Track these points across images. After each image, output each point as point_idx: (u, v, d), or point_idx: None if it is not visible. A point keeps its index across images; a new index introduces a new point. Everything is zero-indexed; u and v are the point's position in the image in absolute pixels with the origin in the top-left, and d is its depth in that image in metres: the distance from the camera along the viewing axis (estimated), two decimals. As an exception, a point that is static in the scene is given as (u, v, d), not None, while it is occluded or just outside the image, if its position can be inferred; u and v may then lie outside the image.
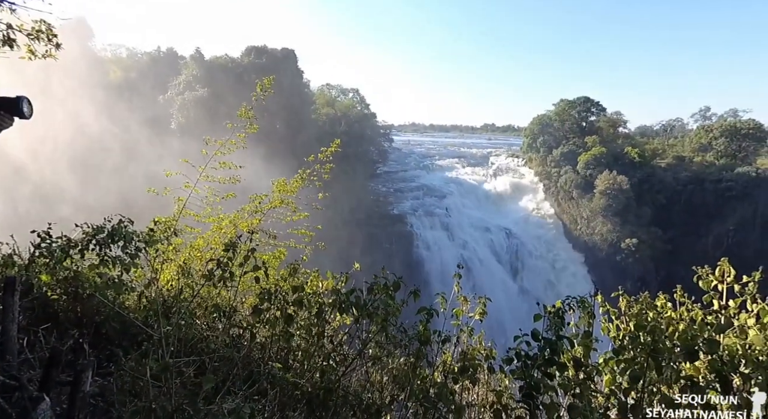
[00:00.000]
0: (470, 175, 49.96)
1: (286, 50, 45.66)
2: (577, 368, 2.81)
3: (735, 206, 41.44)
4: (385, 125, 56.80)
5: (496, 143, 79.90)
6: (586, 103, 51.39)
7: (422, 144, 73.92)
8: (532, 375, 2.51)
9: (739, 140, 44.33)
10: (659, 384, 2.76)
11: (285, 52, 45.43)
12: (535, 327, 2.90)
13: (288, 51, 45.67)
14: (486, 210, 43.59)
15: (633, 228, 40.60)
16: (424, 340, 3.11)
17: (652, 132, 60.45)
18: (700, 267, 3.59)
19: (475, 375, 3.26)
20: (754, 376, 2.59)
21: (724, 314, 3.15)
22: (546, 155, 49.40)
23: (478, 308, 4.08)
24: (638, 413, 2.46)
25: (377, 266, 3.64)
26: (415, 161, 53.35)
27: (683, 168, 44.57)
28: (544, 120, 51.83)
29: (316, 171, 5.95)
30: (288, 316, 3.28)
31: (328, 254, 16.85)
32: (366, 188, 40.19)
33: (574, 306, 3.35)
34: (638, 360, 2.78)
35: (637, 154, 44.90)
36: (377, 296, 3.30)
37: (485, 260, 34.73)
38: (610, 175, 41.48)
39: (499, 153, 60.54)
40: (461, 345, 3.88)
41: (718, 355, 2.75)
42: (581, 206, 43.87)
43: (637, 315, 3.10)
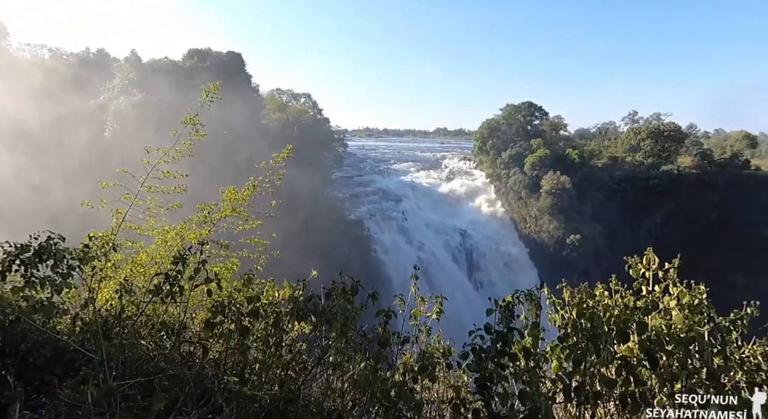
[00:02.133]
0: (425, 178, 50.99)
1: (232, 54, 44.14)
2: (527, 357, 2.96)
3: (662, 201, 45.33)
4: (339, 130, 56.65)
5: (449, 147, 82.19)
6: (530, 107, 54.30)
7: (377, 149, 74.50)
8: (486, 367, 2.62)
9: (662, 141, 48.60)
10: (599, 365, 2.98)
11: (231, 55, 43.88)
12: (488, 321, 3.03)
13: (234, 54, 44.17)
14: (441, 212, 44.60)
15: (576, 224, 43.22)
16: (384, 342, 3.14)
17: (590, 134, 64.69)
18: (630, 257, 3.92)
19: (434, 372, 3.34)
20: (676, 352, 2.87)
21: (650, 298, 3.46)
22: (495, 157, 51.49)
23: (435, 308, 4.18)
24: (581, 394, 2.64)
25: (336, 272, 3.63)
26: (370, 166, 53.57)
27: (617, 167, 48.14)
28: (493, 124, 54.07)
29: (269, 178, 5.82)
30: (243, 328, 3.18)
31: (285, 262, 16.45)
32: (322, 194, 39.77)
33: (522, 300, 3.53)
34: (580, 345, 2.98)
35: (577, 155, 47.98)
36: (335, 302, 3.29)
37: (442, 261, 35.50)
38: (554, 175, 43.97)
39: (452, 156, 62.31)
40: (420, 345, 3.96)
41: (646, 335, 3.01)
42: (529, 205, 46.08)
43: (578, 304, 3.31)
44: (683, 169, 46.21)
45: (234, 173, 23.35)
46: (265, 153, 6.47)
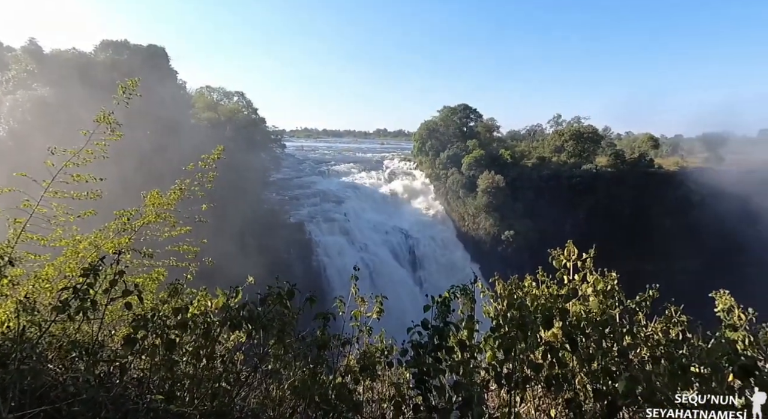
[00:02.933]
0: (366, 179, 51.15)
1: (154, 47, 40.63)
2: (462, 349, 3.07)
3: (584, 198, 49.62)
4: (276, 131, 54.74)
5: (389, 148, 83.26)
6: (466, 110, 56.72)
7: (316, 150, 73.42)
8: (424, 362, 2.68)
9: (583, 143, 53.19)
10: (528, 352, 3.18)
11: (153, 49, 40.33)
12: (425, 317, 3.10)
13: (157, 48, 40.65)
14: (384, 213, 45.05)
15: (510, 221, 45.88)
16: (322, 345, 3.09)
17: (520, 136, 68.81)
18: (553, 250, 4.24)
19: (375, 372, 3.35)
20: (592, 334, 3.14)
21: (570, 286, 3.76)
22: (434, 158, 53.06)
23: (375, 308, 4.20)
24: (511, 380, 2.80)
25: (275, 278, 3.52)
26: (310, 167, 52.52)
27: (545, 167, 51.83)
28: (431, 125, 55.71)
29: (198, 181, 5.49)
30: (169, 342, 2.96)
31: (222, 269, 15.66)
32: (259, 197, 38.31)
33: (458, 294, 3.66)
34: (510, 334, 3.16)
35: (509, 155, 50.97)
36: (271, 308, 3.19)
37: (385, 262, 35.87)
38: (489, 175, 46.30)
39: (393, 157, 63.16)
40: (362, 346, 3.96)
41: (568, 321, 3.27)
42: (467, 204, 48.09)
43: (508, 296, 3.51)
44: (600, 168, 50.95)
45: (158, 176, 21.66)
46: (194, 154, 6.08)
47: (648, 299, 3.82)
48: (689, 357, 2.92)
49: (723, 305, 4.22)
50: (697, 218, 50.52)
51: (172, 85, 40.92)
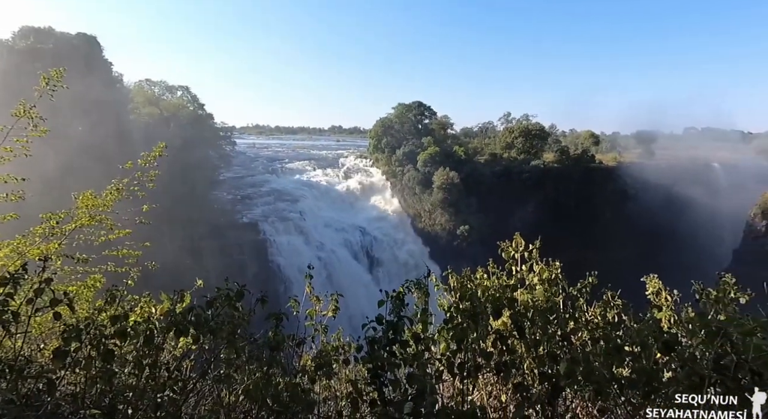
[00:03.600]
0: (322, 177, 50.47)
1: (84, 36, 36.72)
2: (417, 342, 3.13)
3: (533, 192, 52.15)
4: (226, 127, 52.24)
5: (345, 145, 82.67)
6: (420, 107, 57.52)
7: (269, 147, 71.39)
8: (378, 356, 2.69)
9: (531, 139, 55.76)
10: (479, 341, 3.29)
11: (83, 38, 36.56)
12: (379, 313, 3.12)
13: (87, 37, 36.72)
14: (340, 211, 44.76)
15: (465, 216, 47.25)
16: (275, 346, 3.02)
17: (473, 133, 70.77)
18: (502, 242, 4.41)
19: (331, 370, 3.32)
20: (538, 321, 3.31)
21: (518, 276, 3.94)
22: (390, 155, 53.41)
23: (330, 306, 4.17)
24: (463, 369, 2.89)
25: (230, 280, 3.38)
26: (263, 165, 50.83)
27: (497, 163, 53.85)
28: (386, 123, 55.99)
29: (138, 180, 5.15)
30: (107, 352, 2.77)
31: (168, 273, 14.87)
32: (208, 197, 36.56)
33: (412, 289, 3.72)
34: (462, 325, 3.25)
35: (463, 152, 52.39)
36: (220, 310, 3.06)
37: (343, 259, 35.68)
38: (444, 171, 47.34)
39: (349, 154, 62.83)
40: (318, 345, 3.92)
41: (516, 309, 3.42)
42: (423, 200, 48.91)
43: (461, 288, 3.62)
44: (548, 163, 53.68)
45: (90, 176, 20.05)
46: (134, 152, 5.71)
47: (587, 286, 4.08)
48: (623, 337, 3.16)
49: (652, 288, 4.60)
50: (632, 209, 54.80)
51: (106, 78, 37.83)
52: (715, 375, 2.12)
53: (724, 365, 2.25)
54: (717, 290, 3.67)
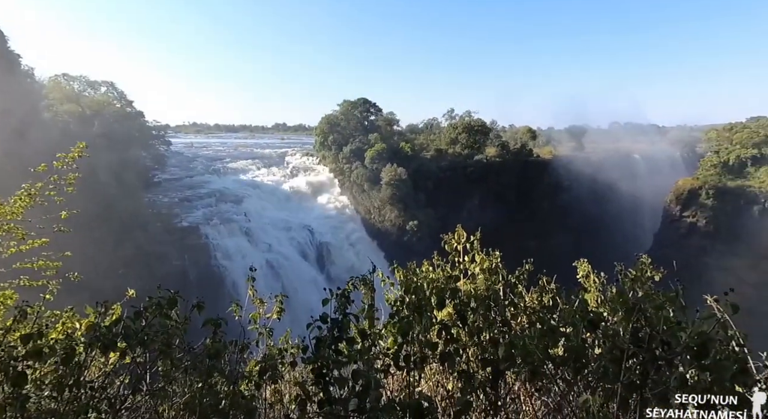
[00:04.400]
0: (267, 176, 48.85)
1: None
2: (363, 338, 3.13)
3: (477, 186, 54.26)
4: (159, 126, 48.67)
5: (290, 143, 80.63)
6: (366, 104, 57.50)
7: (209, 146, 67.85)
8: (323, 355, 2.65)
9: (474, 135, 57.84)
10: (424, 333, 3.36)
11: None
12: (324, 311, 3.07)
13: None
14: (288, 210, 43.68)
15: (414, 212, 48.12)
16: (214, 354, 2.88)
17: (418, 129, 71.96)
18: (445, 235, 4.53)
19: (277, 374, 3.23)
20: (479, 309, 3.45)
21: (461, 267, 4.08)
22: (337, 152, 52.99)
23: (275, 308, 4.05)
24: (409, 361, 2.93)
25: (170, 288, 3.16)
26: (202, 165, 48.03)
27: (442, 158, 55.29)
28: (332, 120, 55.40)
29: (54, 184, 4.68)
30: (18, 375, 2.49)
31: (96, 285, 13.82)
32: (141, 200, 33.89)
33: (358, 285, 3.71)
34: (408, 318, 3.30)
35: (409, 148, 53.18)
36: (150, 321, 2.86)
37: (292, 260, 34.86)
38: (391, 168, 47.81)
39: (294, 152, 61.45)
40: (264, 349, 3.79)
41: (459, 299, 3.53)
42: (372, 197, 49.11)
43: (406, 282, 3.67)
44: (490, 158, 56.02)
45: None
46: (49, 154, 5.19)
47: (525, 273, 4.31)
48: (557, 319, 3.38)
49: (582, 272, 4.96)
50: (567, 199, 58.94)
51: (16, 71, 33.69)
52: (633, 348, 2.34)
53: (641, 337, 2.48)
54: (635, 271, 4.02)
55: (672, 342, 2.26)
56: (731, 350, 2.48)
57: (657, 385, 2.43)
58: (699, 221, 52.79)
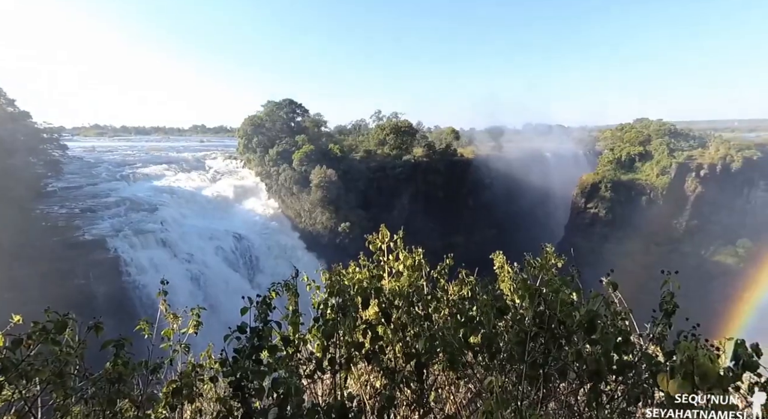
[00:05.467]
0: (186, 181, 45.34)
1: None
2: (287, 345, 3.05)
3: (406, 185, 55.63)
4: (51, 128, 42.62)
5: (211, 146, 75.91)
6: (291, 104, 56.04)
7: (115, 150, 61.30)
8: (241, 367, 2.53)
9: (401, 136, 59.16)
10: (351, 334, 3.36)
11: None
12: (243, 320, 2.94)
13: None
14: (211, 217, 41.02)
15: (345, 213, 47.95)
16: (117, 379, 2.60)
17: (347, 131, 71.91)
18: (369, 235, 4.57)
19: (192, 392, 3.02)
20: (401, 305, 3.54)
21: (386, 265, 4.15)
22: (263, 155, 51.02)
23: (191, 322, 3.79)
24: (334, 363, 2.92)
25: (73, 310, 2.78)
26: (108, 172, 42.98)
27: (371, 159, 55.82)
28: (256, 121, 53.18)
29: None
30: None
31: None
32: (31, 213, 29.46)
33: (280, 291, 3.60)
34: (333, 320, 3.28)
35: (338, 149, 52.88)
36: (34, 348, 2.50)
37: (218, 270, 32.74)
38: (321, 169, 47.16)
39: (216, 156, 58.01)
40: (181, 366, 3.53)
41: (383, 297, 3.59)
42: (302, 200, 48.05)
43: (330, 284, 3.64)
44: (417, 158, 57.68)
45: None
46: None
47: (446, 268, 4.50)
48: (476, 309, 3.58)
49: (498, 263, 5.32)
50: (489, 196, 62.87)
51: None
52: (535, 329, 2.56)
53: (543, 319, 2.72)
54: (541, 259, 4.40)
55: (568, 321, 2.51)
56: (614, 323, 2.82)
57: (557, 361, 2.69)
58: (600, 212, 59.58)
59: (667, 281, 2.85)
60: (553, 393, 3.03)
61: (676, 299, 2.74)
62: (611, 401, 2.82)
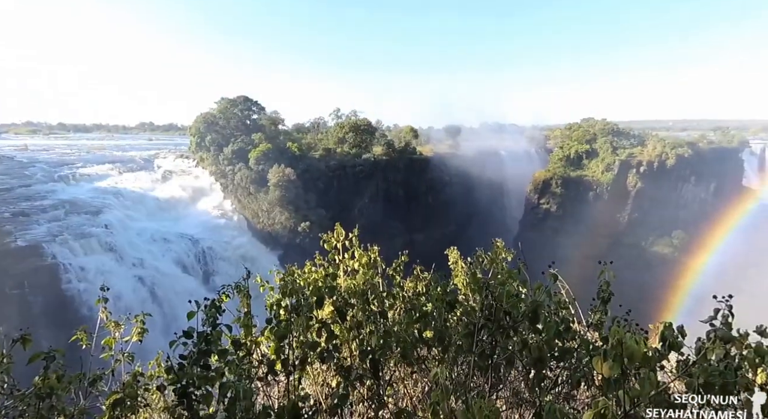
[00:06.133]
0: (133, 182, 42.67)
1: None
2: (238, 347, 2.96)
3: (367, 184, 55.60)
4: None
5: (160, 144, 72.05)
6: (247, 102, 54.26)
7: (51, 149, 56.71)
8: (187, 374, 2.44)
9: (361, 134, 59.02)
10: (305, 334, 3.32)
11: None
12: (190, 325, 2.82)
13: None
14: (162, 219, 38.94)
15: (305, 212, 47.19)
16: (47, 394, 2.43)
17: (305, 129, 70.74)
18: (323, 234, 4.53)
19: (135, 403, 2.87)
20: (357, 303, 3.55)
21: (342, 264, 4.14)
22: (217, 153, 49.14)
23: (135, 329, 3.60)
24: (287, 365, 2.88)
25: None
26: (44, 172, 39.52)
27: (331, 158, 55.23)
28: (209, 118, 51.08)
29: None
30: None
31: None
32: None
33: (231, 294, 3.49)
34: (286, 321, 3.23)
35: (297, 148, 51.90)
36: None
37: (170, 275, 31.09)
38: (279, 168, 46.10)
39: (166, 155, 55.17)
40: (125, 376, 3.34)
41: (338, 296, 3.58)
42: (259, 199, 46.78)
43: (283, 285, 3.58)
44: (377, 156, 57.78)
45: None
46: None
47: (401, 265, 4.55)
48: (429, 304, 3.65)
49: (453, 259, 5.45)
50: (448, 193, 64.23)
51: None
52: (483, 321, 2.66)
53: (491, 311, 2.83)
54: (492, 253, 4.55)
55: (513, 311, 2.62)
56: (557, 312, 2.98)
57: (505, 351, 2.80)
58: (552, 207, 62.65)
59: (603, 272, 3.05)
60: (503, 381, 3.16)
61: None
62: (555, 385, 2.98)
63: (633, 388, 2.01)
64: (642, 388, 1.92)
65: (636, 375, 2.11)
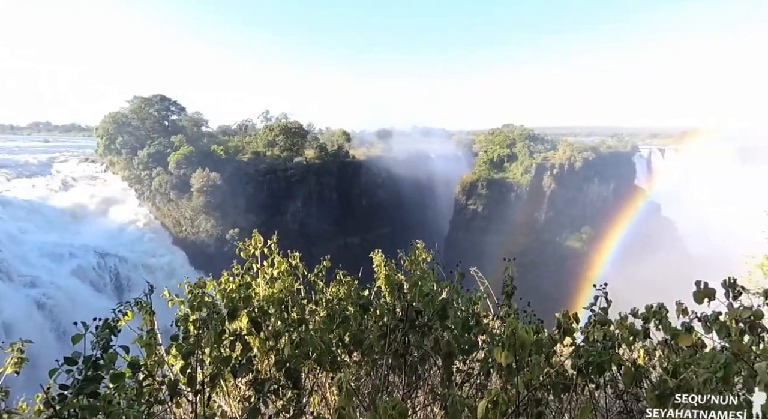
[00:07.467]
0: (26, 190, 37.36)
1: None
2: (135, 370, 2.71)
3: (299, 188, 54.36)
4: None
5: (59, 147, 63.82)
6: (164, 101, 50.34)
7: None
8: (69, 404, 2.16)
9: (292, 137, 57.60)
10: (218, 348, 3.13)
11: None
12: (75, 350, 2.52)
13: None
14: (64, 231, 34.55)
15: (233, 218, 44.88)
16: None
17: (231, 131, 67.44)
18: (241, 241, 4.33)
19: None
20: (275, 313, 3.43)
21: (261, 273, 3.98)
22: (131, 157, 45.00)
23: (9, 360, 3.14)
24: (194, 385, 2.69)
25: None
26: None
27: (260, 161, 53.19)
28: (120, 119, 46.54)
29: None
30: None
31: None
32: None
33: (130, 311, 3.19)
34: (197, 335, 3.02)
35: (222, 151, 49.24)
36: None
37: (75, 294, 27.61)
38: (203, 173, 43.40)
39: (68, 158, 49.23)
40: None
41: (254, 306, 3.43)
42: (182, 206, 43.67)
43: (191, 298, 3.35)
44: (310, 160, 56.78)
45: None
46: None
47: (322, 270, 4.49)
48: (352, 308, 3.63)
49: (377, 261, 5.50)
50: (382, 195, 65.13)
51: None
52: (396, 321, 2.71)
53: (404, 311, 2.89)
54: (412, 254, 4.67)
55: (423, 310, 2.71)
56: (468, 308, 3.12)
57: (418, 349, 2.88)
58: (478, 208, 66.35)
59: (507, 268, 3.27)
60: (423, 379, 3.24)
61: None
62: (469, 378, 3.13)
63: (526, 373, 2.16)
64: (532, 372, 2.06)
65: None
